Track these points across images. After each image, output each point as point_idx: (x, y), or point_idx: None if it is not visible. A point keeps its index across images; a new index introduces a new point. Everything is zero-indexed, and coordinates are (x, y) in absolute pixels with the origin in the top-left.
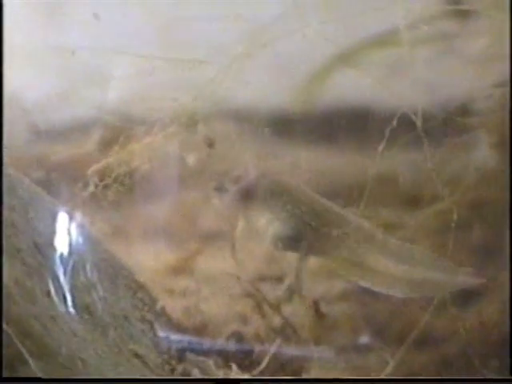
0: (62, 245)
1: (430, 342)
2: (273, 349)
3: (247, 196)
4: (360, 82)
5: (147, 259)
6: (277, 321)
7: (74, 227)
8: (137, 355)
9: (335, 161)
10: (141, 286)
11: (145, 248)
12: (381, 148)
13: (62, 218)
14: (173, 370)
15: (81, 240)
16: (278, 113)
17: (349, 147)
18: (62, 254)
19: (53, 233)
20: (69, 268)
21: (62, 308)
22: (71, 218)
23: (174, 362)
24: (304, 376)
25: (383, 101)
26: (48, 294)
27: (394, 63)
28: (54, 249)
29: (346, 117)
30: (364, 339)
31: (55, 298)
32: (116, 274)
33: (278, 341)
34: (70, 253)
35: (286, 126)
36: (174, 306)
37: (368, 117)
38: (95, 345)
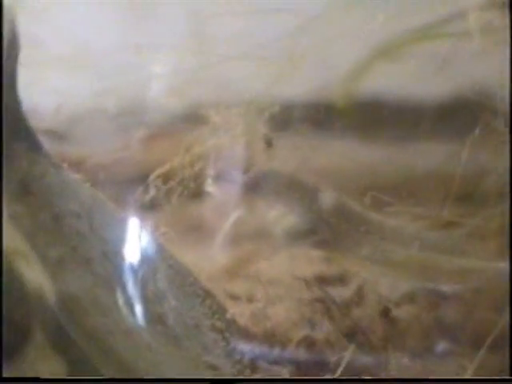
0: (130, 253)
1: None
2: (347, 355)
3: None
4: (402, 76)
5: (206, 263)
6: (347, 325)
7: (139, 234)
8: (212, 367)
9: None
10: (208, 293)
11: (204, 252)
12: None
13: (127, 224)
14: None
15: (148, 247)
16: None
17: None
18: (131, 263)
19: (119, 240)
20: (139, 277)
21: (134, 320)
22: (136, 225)
23: (248, 372)
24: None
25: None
26: (120, 305)
27: (441, 56)
28: (122, 257)
29: (389, 110)
30: (439, 343)
31: (127, 310)
32: (183, 281)
33: (352, 347)
34: (140, 261)
35: (328, 121)
36: (240, 312)
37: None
38: (171, 358)
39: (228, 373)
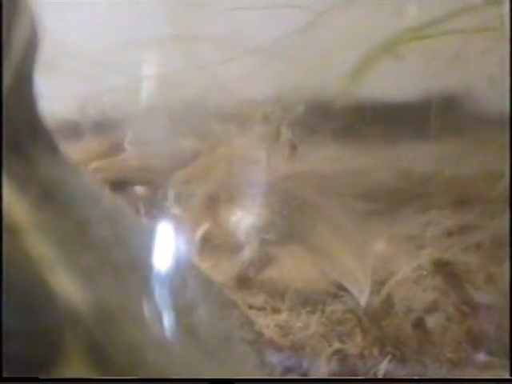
0: (158, 261)
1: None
2: (383, 368)
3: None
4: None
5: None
6: (378, 337)
7: (166, 241)
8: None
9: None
10: (234, 304)
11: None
12: None
13: (151, 231)
14: None
15: (173, 256)
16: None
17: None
18: (159, 272)
19: (145, 248)
20: (169, 288)
21: (166, 332)
22: (162, 231)
23: None
24: None
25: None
26: (153, 317)
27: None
28: (150, 266)
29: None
30: (476, 355)
31: (159, 322)
32: (208, 291)
33: (387, 359)
34: (168, 270)
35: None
36: (264, 324)
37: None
38: (205, 372)
39: None
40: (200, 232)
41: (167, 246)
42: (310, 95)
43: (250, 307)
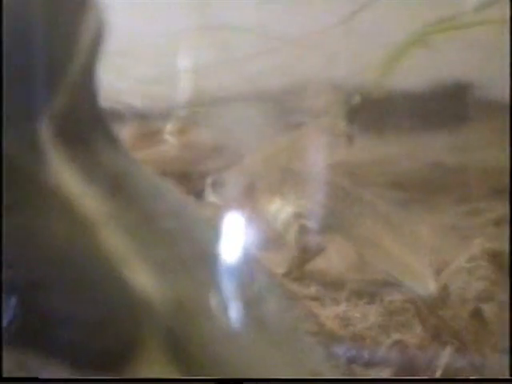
0: (225, 254)
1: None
2: (444, 358)
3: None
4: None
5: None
6: (437, 327)
7: (231, 234)
8: (313, 373)
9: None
10: (294, 295)
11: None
12: None
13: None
14: None
15: (239, 248)
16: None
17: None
18: (226, 265)
19: (210, 241)
20: (238, 279)
21: (237, 324)
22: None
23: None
24: None
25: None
26: (224, 309)
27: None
28: (217, 259)
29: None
30: None
31: (229, 314)
32: (272, 283)
33: (448, 350)
34: (235, 262)
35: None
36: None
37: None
38: (276, 365)
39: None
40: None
41: (233, 239)
42: (347, 87)
43: (305, 298)
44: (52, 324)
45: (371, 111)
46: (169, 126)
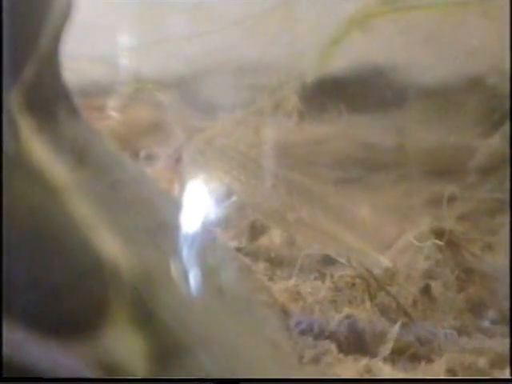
0: (184, 223)
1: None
2: (394, 332)
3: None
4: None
5: None
6: (387, 303)
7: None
8: (273, 343)
9: None
10: (250, 269)
11: None
12: None
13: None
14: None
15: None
16: None
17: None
18: (187, 234)
19: (169, 211)
20: (196, 248)
21: (198, 293)
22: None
23: (299, 349)
24: (436, 360)
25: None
26: (185, 278)
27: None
28: (177, 228)
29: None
30: (483, 321)
31: (191, 283)
32: (228, 255)
33: (398, 324)
34: (195, 231)
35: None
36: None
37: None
38: (235, 331)
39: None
40: None
41: (191, 209)
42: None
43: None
44: (21, 289)
45: (309, 94)
46: (110, 103)
